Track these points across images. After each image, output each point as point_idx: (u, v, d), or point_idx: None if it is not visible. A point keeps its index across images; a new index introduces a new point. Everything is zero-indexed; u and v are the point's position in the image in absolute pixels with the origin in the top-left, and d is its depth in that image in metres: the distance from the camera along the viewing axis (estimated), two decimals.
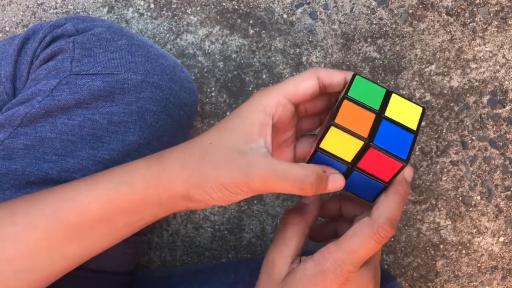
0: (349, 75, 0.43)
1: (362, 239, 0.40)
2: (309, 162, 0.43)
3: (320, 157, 0.42)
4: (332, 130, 0.40)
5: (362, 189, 0.43)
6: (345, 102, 0.41)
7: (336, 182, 0.41)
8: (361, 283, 0.41)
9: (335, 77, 0.43)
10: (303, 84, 0.43)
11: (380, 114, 0.41)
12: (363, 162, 0.40)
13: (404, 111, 0.41)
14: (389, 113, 0.41)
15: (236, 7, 0.73)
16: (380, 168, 0.40)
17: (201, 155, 0.41)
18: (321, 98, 0.46)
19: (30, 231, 0.40)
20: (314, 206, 0.45)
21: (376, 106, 0.41)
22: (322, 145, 0.41)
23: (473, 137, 0.74)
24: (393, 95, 0.42)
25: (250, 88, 0.74)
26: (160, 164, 0.42)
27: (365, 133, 0.40)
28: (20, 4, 0.75)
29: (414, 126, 0.41)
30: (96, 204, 0.41)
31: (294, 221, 0.44)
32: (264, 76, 0.74)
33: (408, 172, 0.42)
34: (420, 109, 0.42)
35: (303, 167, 0.40)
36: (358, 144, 0.40)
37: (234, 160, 0.40)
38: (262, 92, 0.43)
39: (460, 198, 0.75)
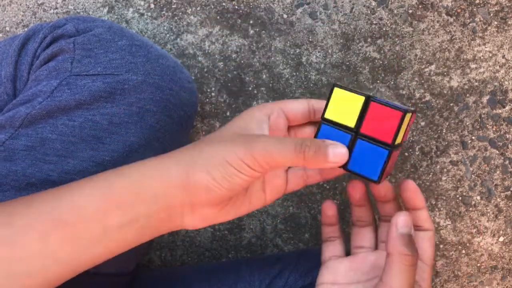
0: None
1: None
2: None
3: (323, 134, 0.44)
4: (335, 92, 0.43)
5: (367, 165, 0.43)
6: (336, 88, 0.44)
7: (337, 150, 0.41)
8: None
9: (324, 103, 0.46)
10: (295, 102, 0.46)
11: (369, 97, 0.43)
12: (366, 124, 0.42)
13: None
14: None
15: (236, 7, 0.73)
16: (382, 127, 0.42)
17: (201, 146, 0.41)
18: (309, 126, 0.49)
19: (26, 232, 0.39)
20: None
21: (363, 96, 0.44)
22: (326, 115, 0.44)
23: (473, 137, 0.74)
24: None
25: (250, 88, 0.74)
26: (158, 158, 0.42)
27: (364, 94, 0.43)
28: (20, 4, 0.75)
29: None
30: (91, 200, 0.40)
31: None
32: (264, 76, 0.74)
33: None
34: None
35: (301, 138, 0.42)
36: (360, 101, 0.42)
37: (236, 138, 0.41)
38: (259, 104, 0.47)
39: (460, 198, 0.75)
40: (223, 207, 0.43)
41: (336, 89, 0.43)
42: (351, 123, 0.43)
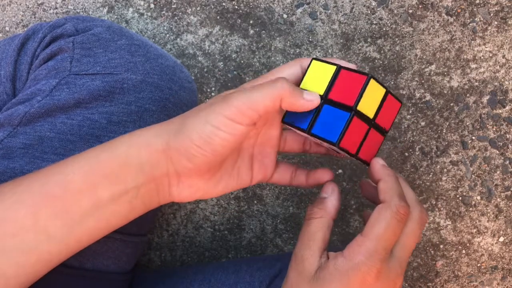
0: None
1: (386, 222, 0.40)
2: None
3: None
4: (313, 64, 0.45)
5: (329, 128, 0.44)
6: (314, 61, 0.46)
7: (310, 95, 0.43)
8: (391, 276, 0.42)
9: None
10: (288, 68, 0.46)
11: (341, 67, 0.45)
12: (334, 91, 0.44)
13: None
14: None
15: (236, 7, 0.73)
16: (348, 92, 0.43)
17: (182, 119, 0.42)
18: None
19: (17, 208, 0.39)
20: (334, 197, 0.45)
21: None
22: (302, 85, 0.45)
23: (473, 137, 0.74)
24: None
25: None
26: (143, 129, 0.42)
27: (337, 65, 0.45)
28: (20, 4, 0.75)
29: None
30: (79, 174, 0.40)
31: (317, 215, 0.44)
32: None
33: (376, 161, 0.45)
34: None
35: None
36: (331, 70, 0.44)
37: (215, 99, 0.41)
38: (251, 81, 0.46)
39: (460, 198, 0.75)
40: (211, 177, 0.43)
41: (314, 62, 0.45)
42: (321, 91, 0.44)
